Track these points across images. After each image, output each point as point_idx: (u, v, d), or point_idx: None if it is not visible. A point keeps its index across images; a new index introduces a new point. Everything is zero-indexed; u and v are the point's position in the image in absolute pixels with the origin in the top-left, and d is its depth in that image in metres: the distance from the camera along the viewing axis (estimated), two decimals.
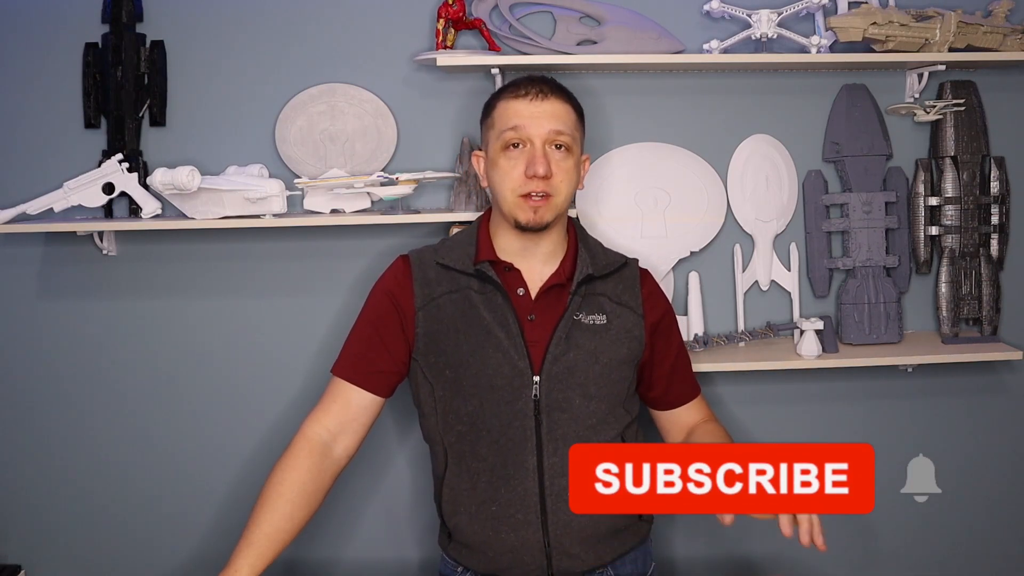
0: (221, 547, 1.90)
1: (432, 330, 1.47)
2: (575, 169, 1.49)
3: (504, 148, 1.45)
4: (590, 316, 1.48)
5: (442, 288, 1.49)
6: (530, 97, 1.47)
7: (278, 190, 1.71)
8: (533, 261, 1.50)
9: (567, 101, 1.50)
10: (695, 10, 1.85)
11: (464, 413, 1.46)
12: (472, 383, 1.45)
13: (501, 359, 1.44)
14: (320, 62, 1.83)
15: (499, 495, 1.44)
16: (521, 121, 1.45)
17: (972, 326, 1.94)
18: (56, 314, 1.87)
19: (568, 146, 1.47)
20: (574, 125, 1.49)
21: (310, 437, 1.47)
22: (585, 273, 1.48)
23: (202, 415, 1.90)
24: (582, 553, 1.45)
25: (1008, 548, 2.02)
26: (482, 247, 1.50)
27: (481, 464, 1.45)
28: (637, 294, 1.53)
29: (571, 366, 1.45)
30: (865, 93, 1.88)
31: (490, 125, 1.50)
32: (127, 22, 1.79)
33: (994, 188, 1.89)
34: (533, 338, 1.45)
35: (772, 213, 1.88)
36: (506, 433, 1.44)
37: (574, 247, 1.53)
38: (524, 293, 1.48)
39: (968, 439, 1.98)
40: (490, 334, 1.45)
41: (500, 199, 1.47)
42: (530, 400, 1.43)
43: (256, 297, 1.89)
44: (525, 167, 1.43)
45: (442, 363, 1.47)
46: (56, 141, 1.83)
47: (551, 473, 1.43)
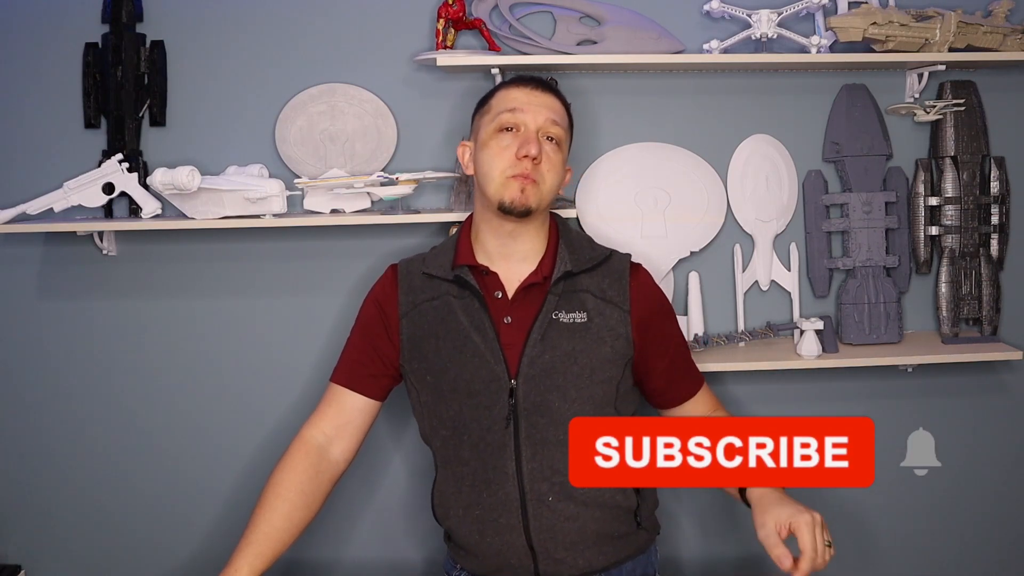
0: (221, 547, 1.90)
1: (414, 336, 1.49)
2: (562, 166, 1.49)
3: (498, 130, 1.46)
4: (569, 314, 1.45)
5: (425, 295, 1.50)
6: (530, 87, 1.49)
7: (278, 190, 1.71)
8: (511, 262, 1.48)
9: (563, 102, 1.53)
10: (695, 10, 1.85)
11: (447, 418, 1.46)
12: (451, 388, 1.45)
13: (478, 364, 1.43)
14: (320, 62, 1.83)
15: (482, 499, 1.44)
16: (519, 104, 1.46)
17: (972, 326, 1.94)
18: (56, 314, 1.87)
19: (559, 140, 1.48)
20: (566, 125, 1.52)
21: (307, 440, 1.49)
22: (563, 270, 1.46)
23: (202, 415, 1.90)
24: (568, 558, 1.44)
25: (1009, 548, 2.02)
26: (460, 252, 1.50)
27: (464, 468, 1.45)
28: (624, 288, 1.49)
29: (548, 368, 1.42)
30: (865, 93, 1.88)
31: (486, 111, 1.50)
32: (127, 22, 1.79)
33: (994, 188, 1.89)
34: (509, 341, 1.44)
35: (772, 213, 1.88)
36: (485, 438, 1.43)
37: (554, 244, 1.51)
38: (502, 296, 1.47)
39: (968, 439, 1.98)
40: (468, 339, 1.44)
41: (486, 180, 1.45)
42: (507, 404, 1.42)
43: (256, 297, 1.89)
44: (517, 148, 1.43)
45: (423, 369, 1.48)
46: (56, 141, 1.83)
47: (531, 478, 1.42)
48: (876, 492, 1.91)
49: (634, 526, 1.50)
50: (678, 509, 1.93)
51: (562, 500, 1.42)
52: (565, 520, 1.42)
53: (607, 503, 1.45)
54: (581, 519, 1.43)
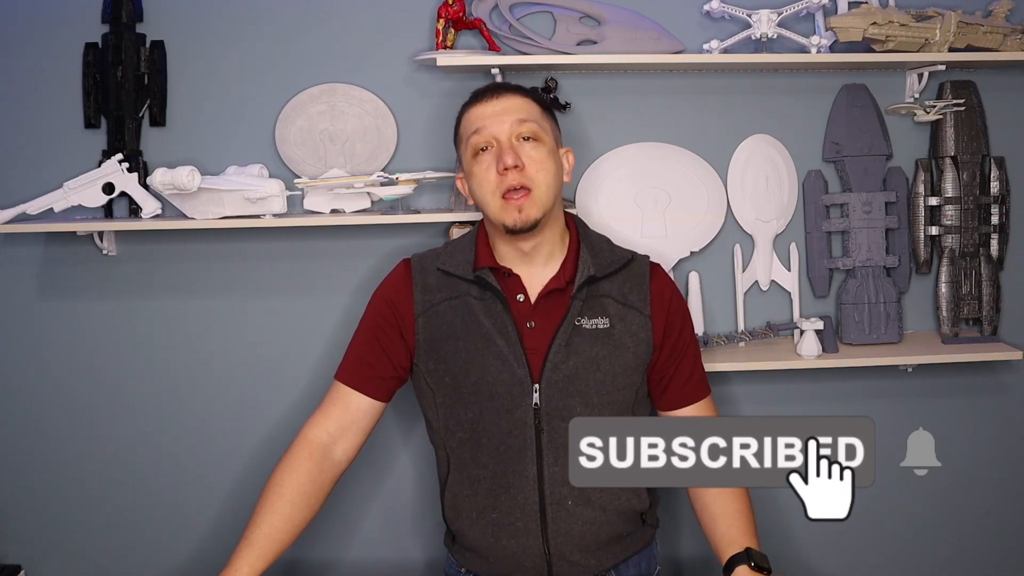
0: (221, 547, 1.90)
1: (432, 336, 1.47)
2: (550, 159, 1.44)
3: (474, 155, 1.44)
4: (592, 320, 1.45)
5: (442, 294, 1.48)
6: (486, 99, 1.46)
7: (278, 190, 1.71)
8: (532, 266, 1.47)
9: (525, 95, 1.48)
10: (695, 10, 1.85)
11: (465, 420, 1.45)
12: (472, 391, 1.44)
13: (501, 367, 1.42)
14: (320, 62, 1.83)
15: (499, 503, 1.43)
16: (482, 122, 1.43)
17: (972, 326, 1.94)
18: (56, 314, 1.87)
19: (535, 135, 1.44)
20: (538, 115, 1.47)
21: (310, 440, 1.47)
22: (587, 275, 1.45)
23: (202, 415, 1.90)
24: (583, 560, 1.44)
25: (1008, 548, 2.02)
26: (481, 254, 1.48)
27: (482, 471, 1.45)
28: (645, 293, 1.48)
29: (571, 374, 1.42)
30: (865, 93, 1.88)
31: (460, 140, 1.49)
32: (127, 22, 1.79)
33: (994, 188, 1.89)
34: (532, 345, 1.43)
35: (772, 213, 1.88)
36: (506, 442, 1.43)
37: (575, 247, 1.49)
38: (524, 299, 1.46)
39: (968, 439, 1.98)
40: (490, 342, 1.43)
41: (485, 207, 1.44)
42: (530, 409, 1.42)
43: (256, 297, 1.89)
44: (496, 165, 1.41)
45: (442, 370, 1.46)
46: (56, 141, 1.83)
47: (552, 482, 1.42)
48: (876, 492, 1.91)
49: (639, 524, 1.51)
50: (677, 504, 1.93)
51: (580, 504, 1.43)
52: (583, 524, 1.43)
53: (622, 507, 1.46)
54: (597, 523, 1.44)
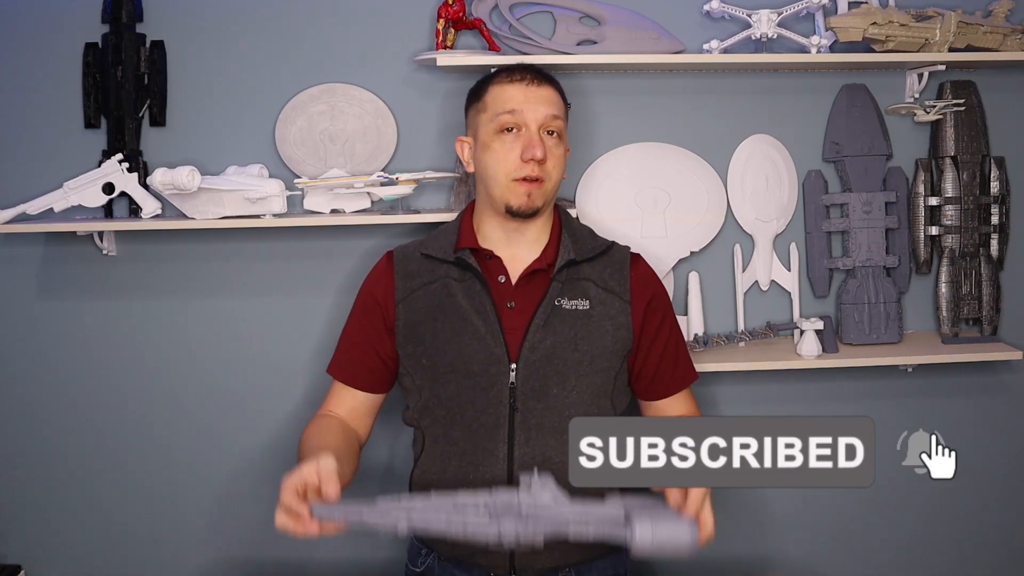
0: (221, 547, 1.91)
1: (411, 320, 1.49)
2: (564, 156, 1.51)
3: (499, 132, 1.46)
4: (572, 301, 1.46)
5: (422, 279, 1.50)
6: (526, 82, 1.48)
7: (278, 190, 1.71)
8: (517, 249, 1.50)
9: (557, 89, 1.52)
10: (695, 10, 1.85)
11: (444, 397, 1.46)
12: (448, 369, 1.45)
13: (477, 346, 1.44)
14: (320, 62, 1.83)
15: (467, 481, 1.42)
16: (518, 105, 1.46)
17: (972, 326, 1.94)
18: (56, 314, 1.87)
19: (560, 133, 1.49)
20: (564, 112, 1.52)
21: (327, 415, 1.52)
22: (567, 258, 1.48)
23: (202, 415, 1.90)
24: (545, 551, 1.40)
25: (1009, 548, 2.02)
26: (463, 235, 1.50)
27: (452, 448, 1.45)
28: (625, 279, 1.51)
29: (549, 353, 1.43)
30: (865, 93, 1.88)
31: (481, 108, 1.50)
32: (127, 22, 1.79)
33: (994, 188, 1.89)
34: (512, 325, 1.45)
35: (772, 213, 1.88)
36: (479, 419, 1.43)
37: (558, 233, 1.52)
38: (505, 280, 1.48)
39: (968, 439, 1.97)
40: (467, 321, 1.45)
41: (491, 183, 1.46)
42: (506, 388, 1.43)
43: (256, 297, 1.89)
44: (521, 151, 1.44)
45: (419, 352, 1.48)
46: (56, 141, 1.83)
47: (521, 463, 1.41)
48: (876, 492, 1.91)
49: None
50: None
51: None
52: None
53: None
54: None
